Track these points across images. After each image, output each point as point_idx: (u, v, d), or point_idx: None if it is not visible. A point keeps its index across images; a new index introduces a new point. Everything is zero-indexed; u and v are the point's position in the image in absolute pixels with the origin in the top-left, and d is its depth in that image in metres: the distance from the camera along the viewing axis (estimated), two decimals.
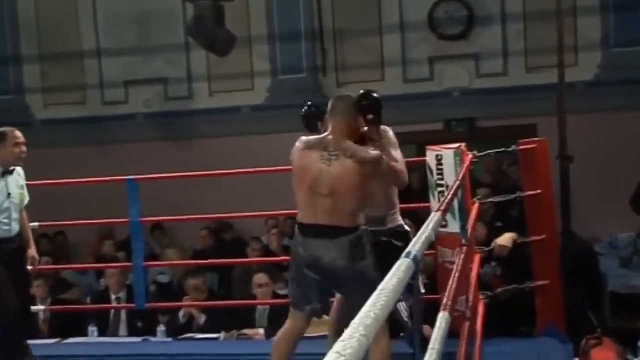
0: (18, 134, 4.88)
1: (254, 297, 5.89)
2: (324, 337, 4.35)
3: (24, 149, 4.88)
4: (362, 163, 3.63)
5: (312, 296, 3.77)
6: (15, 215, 4.86)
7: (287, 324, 3.89)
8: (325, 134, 3.77)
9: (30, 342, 5.64)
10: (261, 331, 5.57)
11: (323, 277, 3.71)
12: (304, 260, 3.71)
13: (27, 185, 5.14)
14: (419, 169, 7.82)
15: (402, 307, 4.53)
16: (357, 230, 3.67)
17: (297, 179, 3.75)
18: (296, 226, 3.78)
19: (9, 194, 4.84)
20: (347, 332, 1.16)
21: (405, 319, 4.61)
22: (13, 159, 4.87)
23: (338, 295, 4.14)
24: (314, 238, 3.67)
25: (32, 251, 5.00)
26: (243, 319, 5.77)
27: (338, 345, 1.11)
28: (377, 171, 3.73)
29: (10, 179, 4.89)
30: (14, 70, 9.92)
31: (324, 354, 1.07)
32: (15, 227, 4.84)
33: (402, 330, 4.67)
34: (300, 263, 3.73)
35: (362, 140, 3.82)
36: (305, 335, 4.93)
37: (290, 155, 3.78)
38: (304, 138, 3.82)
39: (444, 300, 2.39)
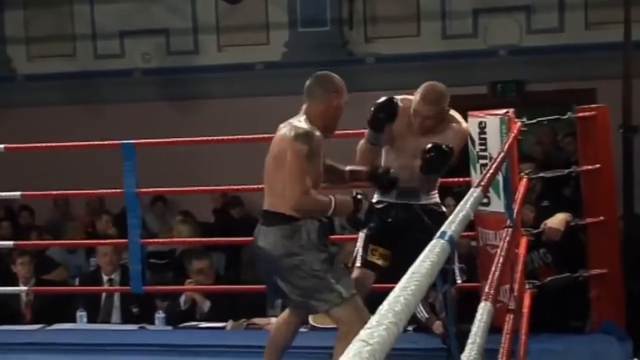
0: None
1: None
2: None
3: None
4: (296, 138, 3.74)
5: (270, 288, 4.02)
6: None
7: (281, 315, 4.16)
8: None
9: (11, 327, 5.73)
10: (273, 320, 5.61)
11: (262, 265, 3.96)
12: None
13: (9, 149, 5.18)
14: None
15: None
16: (291, 220, 3.78)
17: None
18: None
19: None
20: (374, 319, 1.17)
21: (422, 314, 4.70)
22: None
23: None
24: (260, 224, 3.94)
25: None
26: (253, 306, 5.81)
27: (364, 333, 1.12)
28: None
29: None
30: None
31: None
32: None
33: (421, 327, 4.75)
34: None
35: None
36: (318, 325, 5.03)
37: None
38: None
39: (486, 289, 2.39)
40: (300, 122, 3.84)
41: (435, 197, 4.35)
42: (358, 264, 4.28)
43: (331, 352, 3.81)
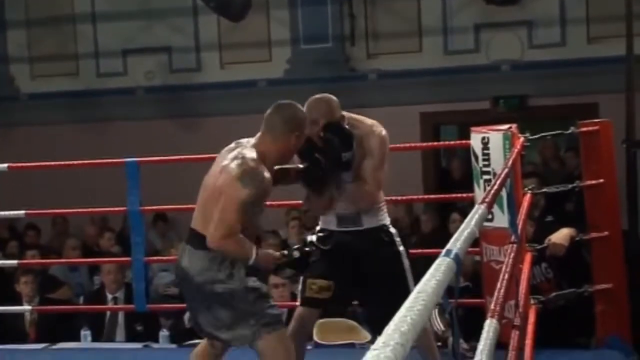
0: None
1: None
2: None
3: None
4: (240, 178, 3.47)
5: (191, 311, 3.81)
6: None
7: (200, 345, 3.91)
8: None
9: (15, 346, 5.71)
10: None
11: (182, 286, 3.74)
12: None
13: (12, 168, 5.19)
14: (461, 154, 7.82)
15: (434, 315, 4.55)
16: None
17: None
18: None
19: None
20: (381, 340, 1.16)
21: (439, 327, 4.66)
22: None
23: None
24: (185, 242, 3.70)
25: None
26: None
27: (370, 355, 1.11)
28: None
29: None
30: None
31: None
32: None
33: (438, 340, 4.71)
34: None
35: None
36: (323, 342, 5.01)
37: None
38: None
39: (491, 306, 2.38)
40: (251, 154, 3.57)
41: (383, 219, 4.01)
42: (298, 303, 4.09)
43: None
